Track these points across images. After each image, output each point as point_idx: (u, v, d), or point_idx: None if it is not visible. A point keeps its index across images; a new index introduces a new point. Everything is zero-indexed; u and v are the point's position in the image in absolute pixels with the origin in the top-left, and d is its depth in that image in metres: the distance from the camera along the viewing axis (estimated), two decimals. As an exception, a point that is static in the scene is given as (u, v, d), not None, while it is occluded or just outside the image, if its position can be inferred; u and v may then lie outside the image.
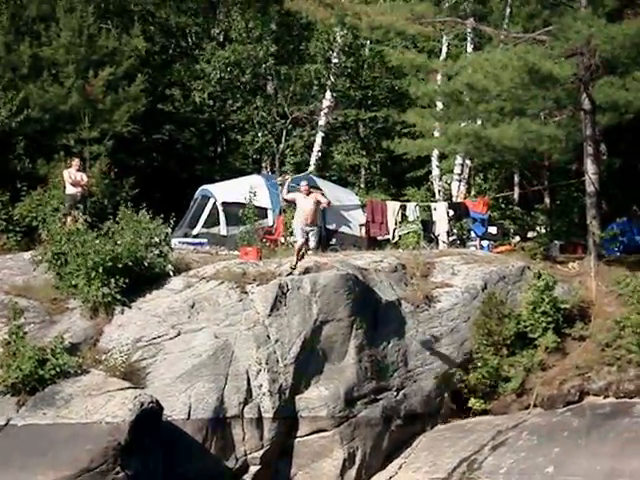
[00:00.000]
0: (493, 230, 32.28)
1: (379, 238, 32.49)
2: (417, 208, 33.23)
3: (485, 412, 25.48)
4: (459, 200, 35.25)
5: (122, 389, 22.04)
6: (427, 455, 24.61)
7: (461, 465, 23.71)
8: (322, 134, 42.40)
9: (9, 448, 20.61)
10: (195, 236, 31.02)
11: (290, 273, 24.44)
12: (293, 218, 29.62)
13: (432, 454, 24.52)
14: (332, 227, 32.26)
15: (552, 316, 25.81)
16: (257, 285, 25.10)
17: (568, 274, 28.15)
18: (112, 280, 24.37)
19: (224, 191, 32.12)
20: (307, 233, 23.51)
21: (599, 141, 31.99)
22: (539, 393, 25.12)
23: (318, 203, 24.26)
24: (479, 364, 25.61)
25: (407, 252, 29.02)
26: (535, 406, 25.09)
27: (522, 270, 27.60)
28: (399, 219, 32.60)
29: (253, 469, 23.60)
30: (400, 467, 24.67)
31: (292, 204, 26.72)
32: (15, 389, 21.69)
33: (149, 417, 21.42)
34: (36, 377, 21.76)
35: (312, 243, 23.00)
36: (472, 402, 25.56)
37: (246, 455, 23.59)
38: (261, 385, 23.92)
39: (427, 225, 32.80)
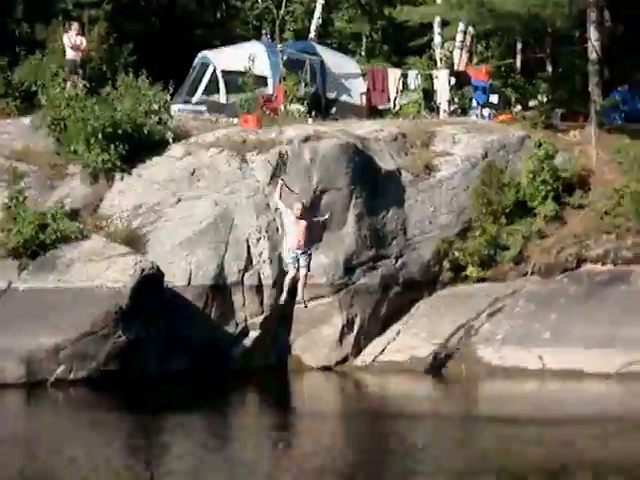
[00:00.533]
0: (494, 98, 31.89)
1: (380, 107, 32.17)
2: (418, 76, 32.81)
3: (483, 280, 25.63)
4: (461, 68, 34.80)
5: (123, 255, 22.19)
6: (425, 321, 24.88)
7: (458, 331, 24.00)
8: (323, 0, 41.61)
9: (11, 312, 20.83)
10: (195, 103, 30.72)
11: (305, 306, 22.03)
12: (294, 85, 29.43)
13: (430, 321, 24.79)
14: (332, 96, 31.91)
15: (552, 185, 25.79)
16: (257, 153, 24.99)
17: (569, 143, 28.00)
18: (112, 146, 24.23)
19: (223, 58, 31.69)
20: (297, 259, 20.07)
21: (602, 7, 31.46)
22: (537, 261, 25.27)
23: (309, 228, 20.32)
24: (478, 233, 25.67)
25: (408, 121, 28.80)
26: (533, 274, 25.25)
27: (523, 139, 27.44)
28: (400, 87, 32.26)
29: (253, 334, 23.88)
30: (398, 333, 24.97)
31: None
32: (16, 253, 21.83)
33: (150, 283, 21.62)
34: (37, 242, 21.89)
35: (302, 270, 20.19)
36: (470, 270, 25.69)
37: (246, 321, 23.86)
38: (261, 253, 24.06)
39: (428, 94, 32.44)
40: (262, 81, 30.56)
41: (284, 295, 20.70)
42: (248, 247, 24.00)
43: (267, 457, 12.71)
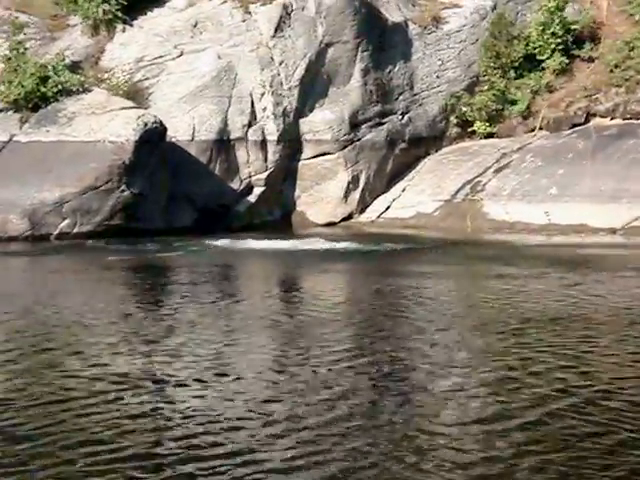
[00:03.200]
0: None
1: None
2: None
3: (490, 135, 25.41)
4: None
5: (125, 108, 21.84)
6: (431, 178, 24.72)
7: (465, 187, 23.84)
8: None
9: (14, 164, 20.60)
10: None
11: None
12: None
13: (436, 177, 24.63)
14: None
15: (561, 37, 25.32)
16: (261, 5, 24.41)
17: (580, -6, 27.41)
18: (112, -4, 23.75)
19: None
20: None
21: None
22: (545, 115, 24.96)
23: None
24: (486, 87, 25.33)
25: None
26: (541, 129, 24.99)
27: (533, -10, 26.84)
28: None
29: (257, 190, 23.73)
30: (404, 190, 24.83)
31: None
32: (17, 105, 21.51)
33: (153, 137, 21.34)
34: (38, 94, 21.54)
35: None
36: (477, 125, 25.43)
37: (250, 177, 23.68)
38: (265, 108, 23.71)
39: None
40: None
41: None
42: (252, 102, 23.64)
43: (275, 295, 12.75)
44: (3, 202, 19.99)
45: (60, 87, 21.73)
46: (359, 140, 24.58)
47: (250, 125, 23.59)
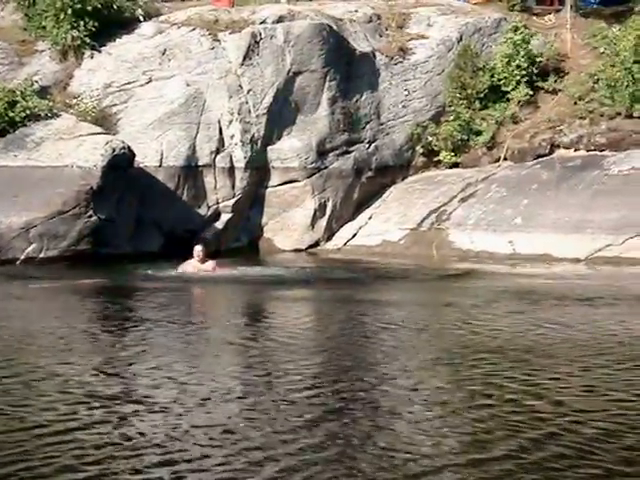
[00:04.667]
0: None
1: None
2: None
3: (455, 165, 25.66)
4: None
5: (93, 134, 21.93)
6: (397, 206, 24.91)
7: (430, 216, 24.04)
8: None
9: (-19, 189, 20.60)
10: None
11: None
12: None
13: (402, 205, 24.82)
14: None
15: (526, 69, 25.68)
16: (229, 33, 24.62)
17: (544, 26, 27.82)
18: (81, 22, 23.82)
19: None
20: None
21: None
22: (510, 146, 25.25)
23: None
24: (451, 117, 25.59)
25: (382, 2, 28.39)
26: (505, 159, 25.27)
27: (498, 22, 27.23)
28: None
29: (225, 217, 23.84)
30: (370, 217, 25.01)
31: None
32: (-15, 131, 21.56)
33: (121, 163, 21.42)
34: (6, 119, 21.58)
35: None
36: (443, 155, 25.68)
37: (218, 203, 23.79)
38: (233, 135, 23.87)
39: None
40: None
41: None
42: (220, 129, 23.79)
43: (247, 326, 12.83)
44: (-31, 226, 19.97)
45: (28, 112, 21.79)
46: (326, 168, 24.77)
47: (218, 152, 23.72)
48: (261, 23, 24.74)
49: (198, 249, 18.93)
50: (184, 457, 7.05)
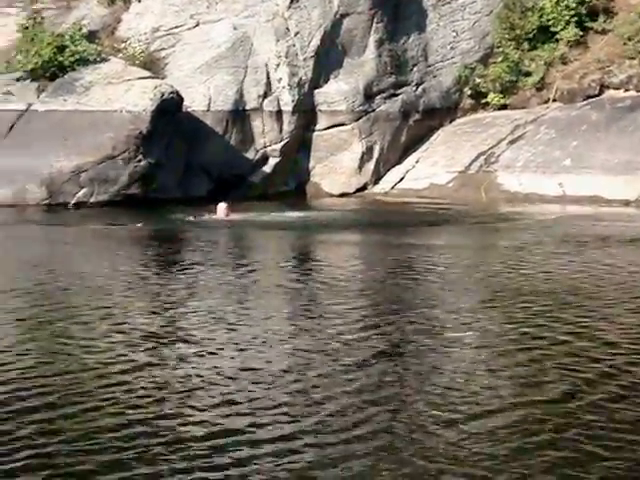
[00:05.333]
0: None
1: None
2: None
3: (504, 107, 25.41)
4: None
5: (142, 78, 21.99)
6: (445, 149, 24.79)
7: (478, 158, 23.91)
8: None
9: (31, 133, 20.76)
10: None
11: None
12: None
13: (450, 148, 24.70)
14: None
15: (575, 9, 25.26)
16: (277, -25, 24.43)
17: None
18: (129, -34, 23.86)
19: None
20: None
21: None
22: (559, 87, 24.95)
23: None
24: (500, 58, 25.30)
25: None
26: (554, 100, 24.96)
27: (548, -38, 26.75)
28: None
29: (272, 161, 23.86)
30: (417, 161, 24.92)
31: None
32: (35, 75, 21.66)
33: (170, 107, 21.47)
34: (55, 63, 21.68)
35: None
36: (491, 97, 25.43)
37: (265, 147, 23.80)
38: (280, 78, 23.81)
39: None
40: None
41: None
42: (267, 72, 23.74)
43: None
44: (21, 171, 20.17)
45: (77, 57, 21.87)
46: (373, 111, 24.67)
47: (265, 96, 23.69)
48: (308, -35, 24.52)
49: (222, 207, 18.81)
50: (242, 397, 7.16)
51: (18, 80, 21.76)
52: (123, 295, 10.93)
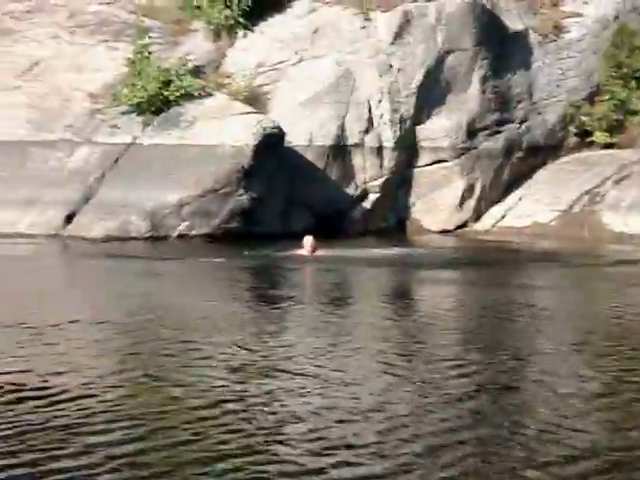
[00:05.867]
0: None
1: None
2: None
3: (610, 146, 25.03)
4: None
5: (245, 113, 22.19)
6: (548, 187, 24.50)
7: (583, 197, 23.57)
8: None
9: (136, 167, 21.12)
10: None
11: None
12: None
13: (553, 186, 24.39)
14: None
15: (685, 47, 24.85)
16: (381, 12, 24.51)
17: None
18: (235, 2, 24.04)
19: None
20: None
21: None
22: (668, 129, 24.52)
23: None
24: (606, 97, 24.98)
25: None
26: (663, 140, 24.54)
27: (657, -2, 26.41)
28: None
29: (372, 197, 23.86)
30: (520, 199, 24.67)
31: None
32: (140, 109, 22.01)
33: (272, 142, 21.62)
34: (161, 97, 22.01)
35: None
36: (597, 135, 25.09)
37: (366, 183, 23.81)
38: (382, 114, 23.83)
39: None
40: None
41: None
42: (369, 108, 23.77)
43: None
44: (125, 203, 20.52)
45: (182, 91, 22.16)
46: (476, 148, 24.52)
47: (367, 131, 23.72)
48: (413, 1, 24.56)
49: (309, 240, 18.31)
50: (330, 434, 7.07)
51: (124, 114, 22.14)
52: (216, 329, 10.94)
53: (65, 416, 7.32)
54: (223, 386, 8.34)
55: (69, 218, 20.85)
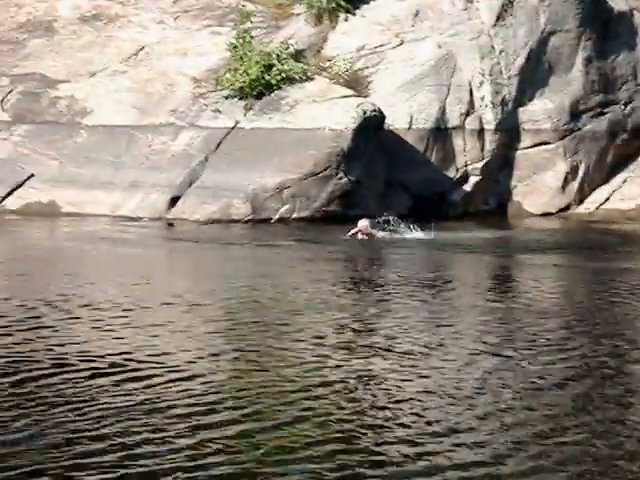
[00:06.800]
0: None
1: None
2: None
3: None
4: None
5: (345, 97, 22.22)
6: (654, 170, 24.12)
7: (689, 180, 23.15)
8: None
9: (238, 149, 21.31)
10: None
11: None
12: None
13: (659, 169, 24.01)
14: None
15: None
16: (483, -7, 24.34)
17: None
18: (337, -15, 24.12)
19: None
20: None
21: None
22: None
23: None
24: None
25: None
26: None
27: None
28: None
29: (473, 179, 23.69)
30: (624, 181, 24.31)
31: None
32: (242, 93, 22.18)
33: (371, 125, 21.61)
34: (262, 82, 22.14)
35: None
36: None
37: (466, 166, 23.66)
38: (484, 96, 23.64)
39: None
40: None
41: None
42: (470, 90, 23.60)
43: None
44: (228, 187, 20.75)
45: (283, 75, 22.27)
46: (579, 130, 24.19)
47: (468, 114, 23.56)
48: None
49: (363, 224, 18.49)
50: (433, 417, 7.11)
51: (226, 98, 22.36)
52: (321, 310, 11.05)
53: (167, 398, 7.47)
54: (328, 366, 8.44)
55: (173, 201, 21.16)
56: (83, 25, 25.09)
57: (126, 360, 8.52)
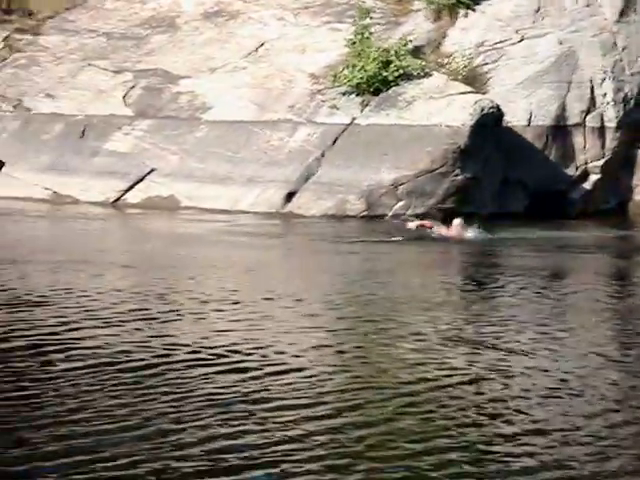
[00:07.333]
0: None
1: None
2: None
3: None
4: None
5: (463, 93, 22.13)
6: None
7: None
8: None
9: (354, 146, 21.41)
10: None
11: None
12: None
13: None
14: None
15: None
16: (609, -13, 23.95)
17: None
18: (456, -19, 24.03)
19: None
20: None
21: None
22: None
23: None
24: None
25: None
26: None
27: None
28: None
29: (593, 178, 23.36)
30: None
31: None
32: (359, 89, 22.27)
33: (489, 122, 21.48)
34: (380, 78, 22.19)
35: None
36: None
37: (586, 164, 23.33)
38: (605, 94, 23.29)
39: None
40: None
41: None
42: (592, 87, 23.26)
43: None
44: (343, 183, 20.87)
45: (401, 71, 22.29)
46: None
47: (589, 111, 23.24)
48: (639, -22, 23.87)
49: (458, 223, 18.39)
50: (539, 416, 7.08)
51: (343, 94, 22.47)
52: (424, 307, 11.09)
53: (270, 390, 7.57)
54: (430, 362, 8.46)
55: (289, 196, 21.37)
56: (205, 21, 25.55)
57: (230, 352, 8.66)
